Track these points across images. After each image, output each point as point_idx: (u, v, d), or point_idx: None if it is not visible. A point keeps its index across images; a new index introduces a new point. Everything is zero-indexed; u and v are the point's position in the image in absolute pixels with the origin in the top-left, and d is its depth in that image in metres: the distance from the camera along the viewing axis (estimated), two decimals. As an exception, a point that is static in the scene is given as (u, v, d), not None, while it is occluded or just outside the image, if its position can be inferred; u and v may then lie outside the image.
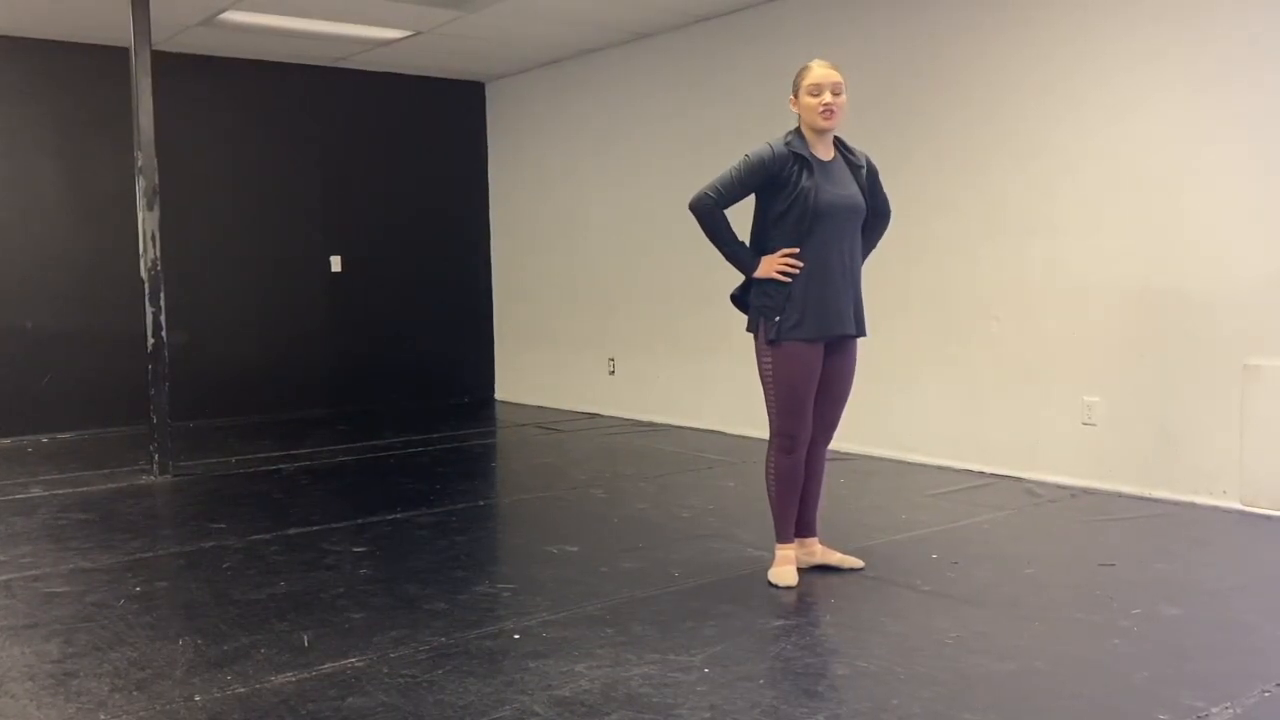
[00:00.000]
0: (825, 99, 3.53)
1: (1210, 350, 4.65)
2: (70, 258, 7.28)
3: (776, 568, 3.68)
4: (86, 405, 7.34)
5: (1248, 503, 4.55)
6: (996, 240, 5.41)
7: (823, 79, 3.55)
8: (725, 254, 3.63)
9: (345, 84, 8.28)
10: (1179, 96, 4.71)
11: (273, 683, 2.84)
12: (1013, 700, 2.67)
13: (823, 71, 3.56)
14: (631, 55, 7.48)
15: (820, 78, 3.55)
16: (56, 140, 7.24)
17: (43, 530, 4.63)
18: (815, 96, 3.54)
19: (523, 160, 8.64)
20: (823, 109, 3.54)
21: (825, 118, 3.55)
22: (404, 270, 8.64)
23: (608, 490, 5.30)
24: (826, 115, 3.55)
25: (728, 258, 3.64)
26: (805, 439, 3.66)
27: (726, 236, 3.60)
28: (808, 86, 3.55)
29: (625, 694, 2.72)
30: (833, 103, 3.54)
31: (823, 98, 3.53)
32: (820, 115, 3.54)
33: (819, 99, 3.54)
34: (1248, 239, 4.52)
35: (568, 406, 8.21)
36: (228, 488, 5.50)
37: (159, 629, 3.30)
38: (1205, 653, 2.97)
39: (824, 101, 3.54)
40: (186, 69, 7.52)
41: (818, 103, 3.54)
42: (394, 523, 4.64)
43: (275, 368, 8.10)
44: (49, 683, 2.87)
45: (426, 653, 3.04)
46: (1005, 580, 3.67)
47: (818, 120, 3.56)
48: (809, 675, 2.87)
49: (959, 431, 5.61)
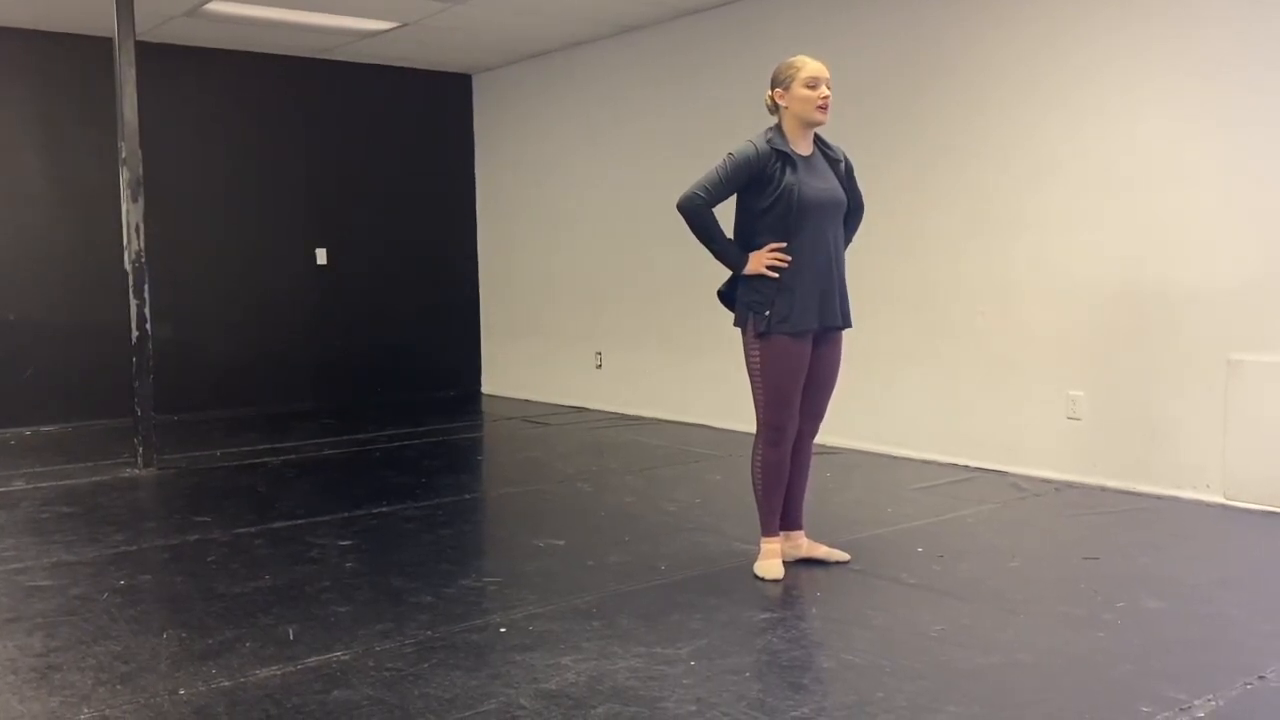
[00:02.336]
0: (823, 92, 3.56)
1: (1194, 345, 4.67)
2: (54, 250, 7.24)
3: (762, 561, 3.69)
4: (70, 398, 7.30)
5: (1231, 497, 4.58)
6: (982, 236, 5.42)
7: (820, 73, 3.57)
8: (714, 252, 3.64)
9: (331, 76, 8.25)
10: (1164, 93, 4.73)
11: (257, 676, 2.83)
12: (997, 693, 2.69)
13: (819, 65, 3.58)
14: (619, 48, 7.47)
15: (818, 71, 3.57)
16: (40, 131, 7.19)
17: (26, 523, 4.60)
18: (813, 89, 3.55)
19: (510, 153, 8.62)
20: (820, 102, 3.56)
21: (822, 111, 3.57)
22: (390, 263, 8.61)
23: (594, 484, 5.30)
24: (824, 109, 3.57)
25: (717, 256, 3.65)
26: (792, 432, 3.67)
27: (716, 234, 3.60)
28: (805, 79, 3.55)
29: (611, 687, 2.73)
30: (829, 96, 3.57)
31: (820, 90, 3.55)
32: (818, 109, 3.56)
33: (817, 92, 3.55)
34: (1232, 235, 4.55)
35: (554, 400, 8.20)
36: (212, 481, 5.48)
37: (143, 622, 3.28)
38: (1187, 646, 2.99)
39: (822, 95, 3.55)
40: (171, 60, 7.48)
41: (816, 95, 3.55)
42: (380, 516, 4.63)
43: (260, 361, 8.07)
44: (32, 676, 2.86)
45: (412, 646, 3.04)
46: (990, 574, 3.68)
47: (814, 114, 3.57)
48: (795, 668, 2.87)
49: (944, 426, 5.63)
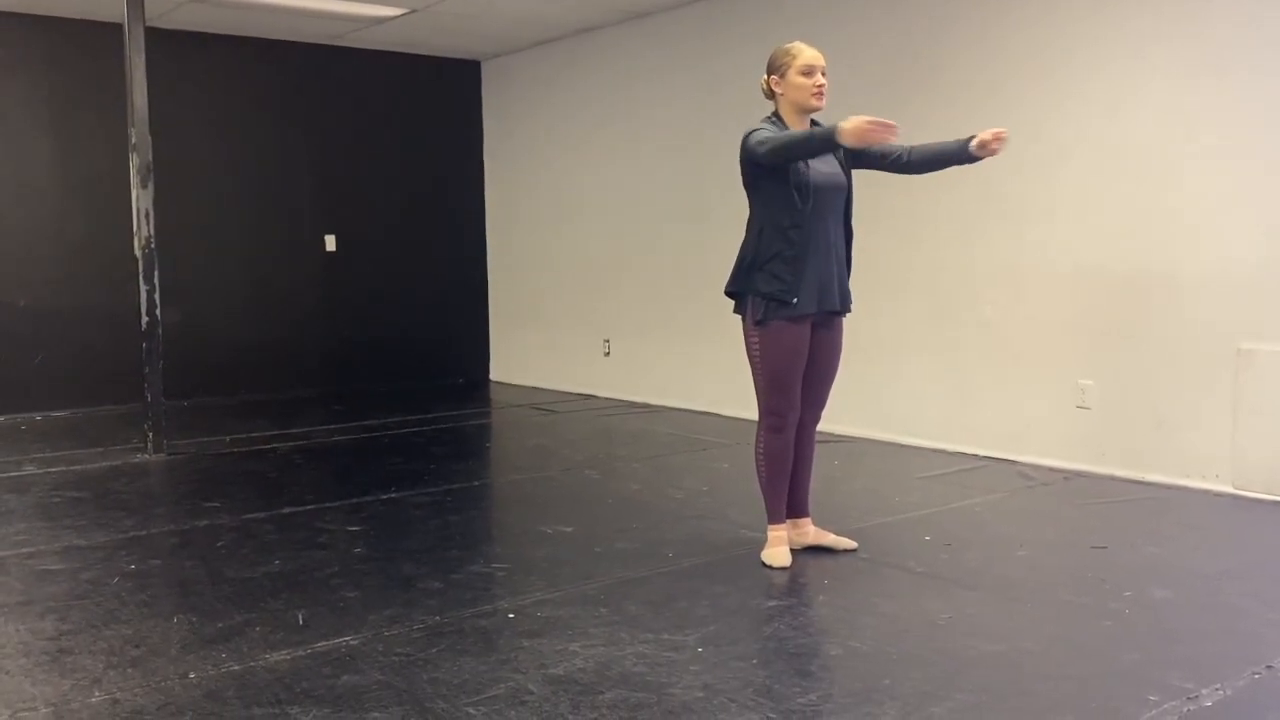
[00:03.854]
0: (818, 80, 3.58)
1: (1204, 335, 4.66)
2: (64, 235, 7.26)
3: (769, 548, 3.70)
4: (80, 383, 7.32)
5: (1240, 487, 4.57)
6: (991, 224, 5.40)
7: (815, 60, 3.58)
8: (806, 147, 3.43)
9: (340, 62, 8.24)
10: (1174, 82, 4.71)
11: (267, 660, 2.85)
12: (1003, 681, 2.69)
13: (814, 53, 3.60)
14: (628, 34, 7.45)
15: (813, 59, 3.58)
16: (50, 117, 7.20)
17: (37, 508, 4.63)
18: (808, 77, 3.56)
19: (519, 139, 8.61)
20: (815, 90, 3.57)
21: (818, 98, 3.58)
22: (398, 250, 8.62)
23: (602, 471, 5.31)
24: (819, 96, 3.58)
25: (809, 145, 3.42)
26: (794, 419, 3.67)
27: (795, 135, 3.44)
28: (800, 67, 3.56)
29: (619, 673, 2.74)
30: (824, 84, 3.58)
31: (815, 78, 3.57)
32: (813, 96, 3.57)
33: (812, 79, 3.57)
34: (1242, 224, 4.53)
35: (562, 388, 8.21)
36: (222, 466, 5.50)
37: (153, 606, 3.30)
38: (1195, 635, 2.99)
39: (817, 83, 3.57)
40: (180, 46, 7.48)
41: (811, 83, 3.56)
42: (388, 502, 4.64)
43: (269, 347, 8.08)
44: (44, 659, 2.88)
45: (421, 631, 3.05)
46: (997, 562, 3.68)
47: (810, 101, 3.58)
48: (802, 655, 2.88)
49: (952, 414, 5.62)
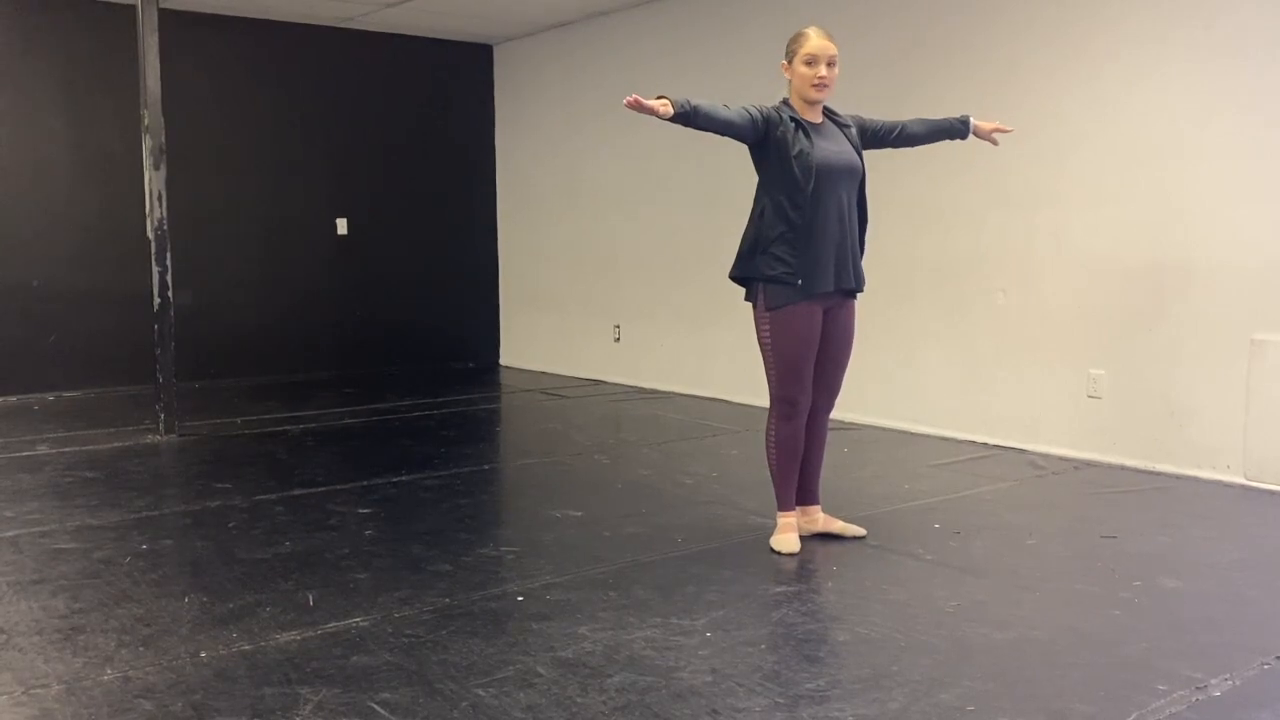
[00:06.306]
0: (820, 71, 3.53)
1: (1217, 325, 4.63)
2: (77, 216, 7.28)
3: (778, 535, 3.70)
4: (92, 364, 7.36)
5: (1251, 478, 4.55)
6: (1003, 212, 5.38)
7: (819, 50, 3.53)
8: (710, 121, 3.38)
9: (353, 45, 8.23)
10: (1189, 70, 4.67)
11: (278, 640, 2.86)
12: (1011, 669, 2.69)
13: (820, 42, 3.54)
14: (641, 18, 7.42)
15: (817, 49, 3.53)
16: (63, 98, 7.21)
17: (49, 487, 4.66)
18: (810, 67, 3.53)
19: (530, 123, 8.59)
20: (816, 81, 3.53)
21: (818, 90, 3.55)
22: (410, 234, 8.62)
23: (611, 456, 5.32)
24: (819, 88, 3.55)
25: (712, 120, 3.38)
26: (805, 405, 3.66)
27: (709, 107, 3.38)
28: (804, 56, 3.53)
29: (628, 656, 2.74)
30: (827, 75, 3.54)
31: (817, 69, 3.52)
32: (813, 87, 3.54)
33: (814, 70, 3.53)
34: (1256, 214, 4.50)
35: (572, 373, 8.22)
36: (233, 448, 5.53)
37: (165, 586, 3.32)
38: (1204, 625, 2.99)
39: (819, 74, 3.53)
40: (193, 28, 7.47)
41: (812, 74, 3.53)
42: (399, 485, 4.66)
43: (281, 329, 8.11)
44: (56, 637, 2.90)
45: (431, 613, 3.06)
46: (1006, 550, 3.68)
47: (810, 92, 3.55)
48: (810, 641, 2.89)
49: (963, 402, 5.61)
